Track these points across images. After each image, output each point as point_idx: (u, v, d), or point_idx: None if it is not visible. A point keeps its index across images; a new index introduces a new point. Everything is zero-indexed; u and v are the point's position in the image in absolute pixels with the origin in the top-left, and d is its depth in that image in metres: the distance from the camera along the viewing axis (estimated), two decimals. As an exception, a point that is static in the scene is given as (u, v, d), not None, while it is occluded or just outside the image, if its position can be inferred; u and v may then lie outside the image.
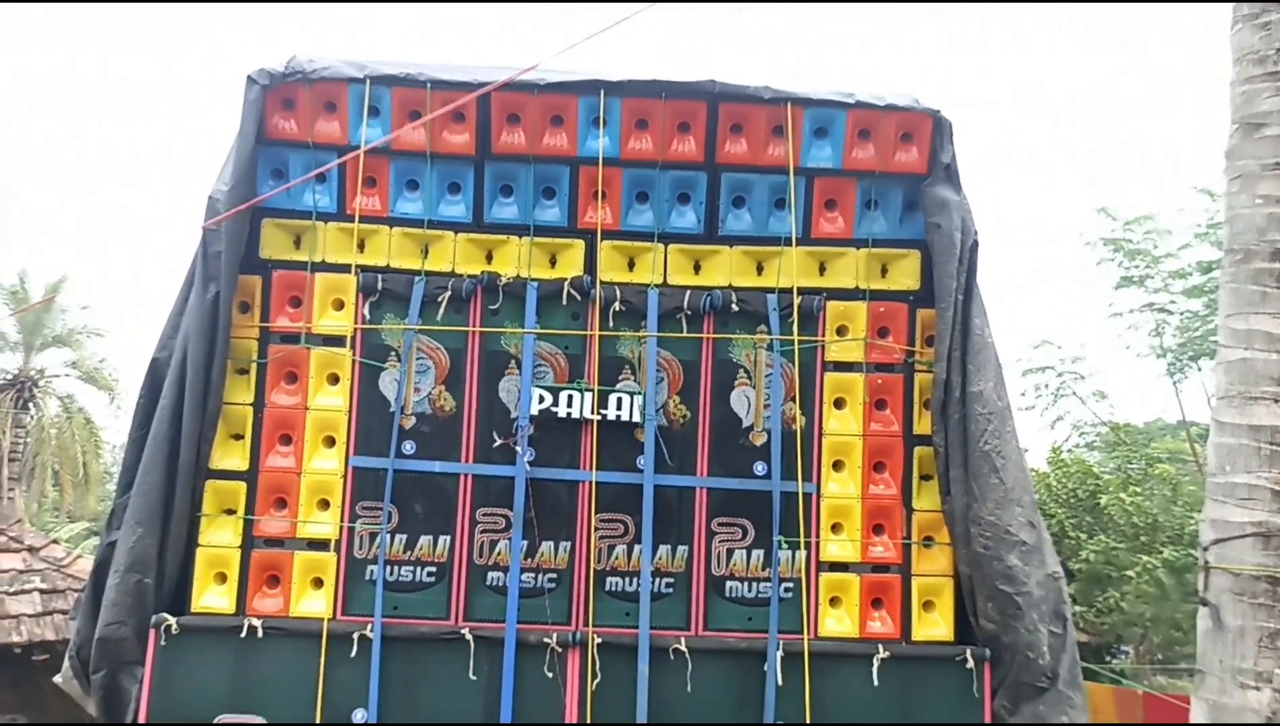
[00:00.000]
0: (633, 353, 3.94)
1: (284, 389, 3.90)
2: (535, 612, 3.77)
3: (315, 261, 3.95)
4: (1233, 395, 3.21)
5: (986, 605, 3.71)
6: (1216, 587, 3.20)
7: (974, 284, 3.87)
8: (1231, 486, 3.18)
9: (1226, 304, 3.26)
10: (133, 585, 3.64)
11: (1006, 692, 3.72)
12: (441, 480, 3.85)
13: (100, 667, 3.65)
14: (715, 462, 3.92)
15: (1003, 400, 3.82)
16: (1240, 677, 3.12)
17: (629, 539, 3.84)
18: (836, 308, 4.00)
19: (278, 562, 3.81)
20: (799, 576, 3.85)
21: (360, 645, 3.67)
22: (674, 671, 3.72)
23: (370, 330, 3.92)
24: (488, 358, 3.93)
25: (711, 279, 4.01)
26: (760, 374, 3.95)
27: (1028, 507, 3.76)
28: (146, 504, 3.66)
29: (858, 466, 3.94)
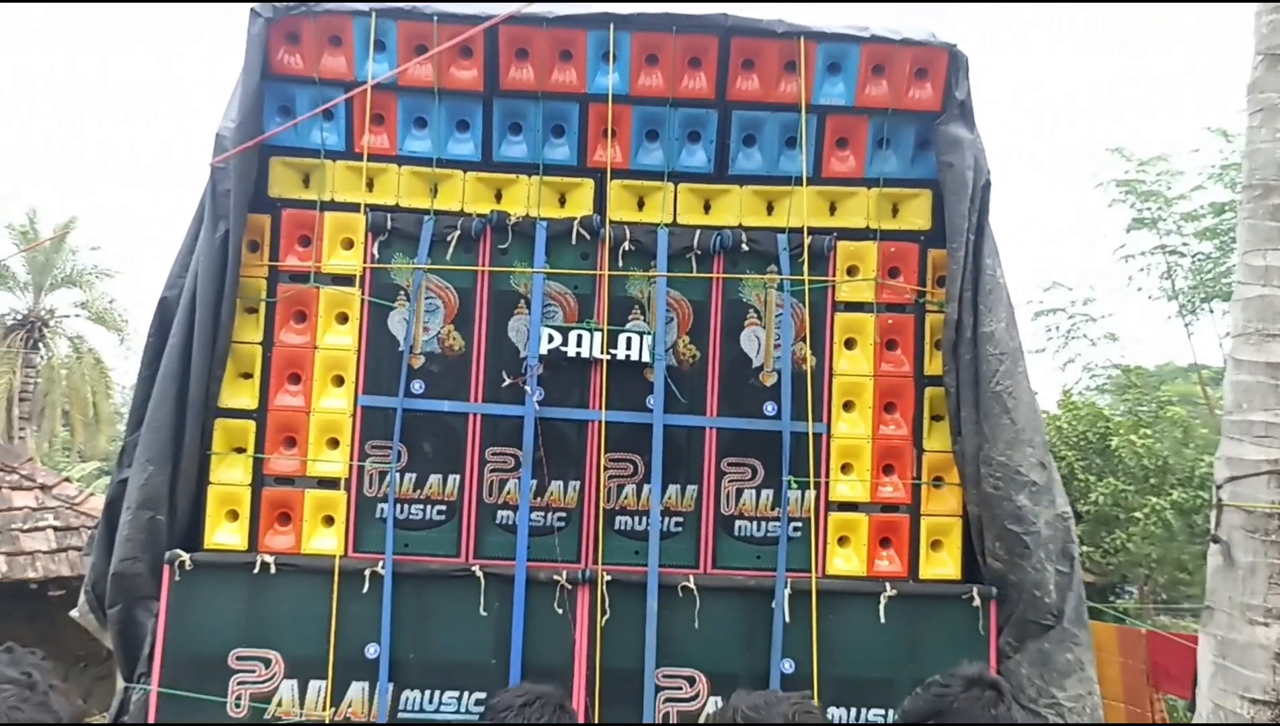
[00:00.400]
0: (642, 292, 3.93)
1: (293, 328, 3.90)
2: (545, 550, 3.80)
3: (324, 200, 3.93)
4: (1250, 332, 3.19)
5: (995, 544, 3.72)
6: (1228, 525, 3.21)
7: (986, 223, 3.84)
8: (1248, 424, 3.18)
9: (1244, 240, 3.23)
10: (145, 522, 3.68)
11: (1012, 630, 3.75)
12: (450, 419, 3.87)
13: (116, 602, 3.70)
14: (725, 402, 3.92)
15: (1015, 340, 3.81)
16: (1249, 614, 3.15)
17: (638, 478, 3.86)
18: (847, 247, 3.97)
19: (289, 500, 3.83)
20: (808, 516, 3.87)
21: (372, 581, 3.71)
22: (682, 608, 3.75)
23: (379, 269, 3.90)
24: (497, 297, 3.92)
25: (721, 218, 3.98)
26: (770, 314, 3.94)
27: (1039, 448, 3.76)
28: (156, 442, 3.69)
29: (868, 407, 3.94)
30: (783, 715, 2.30)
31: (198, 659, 3.65)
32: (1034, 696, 3.70)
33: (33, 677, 1.62)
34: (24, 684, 1.60)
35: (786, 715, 2.30)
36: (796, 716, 2.31)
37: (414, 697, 3.69)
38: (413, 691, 3.69)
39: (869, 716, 3.73)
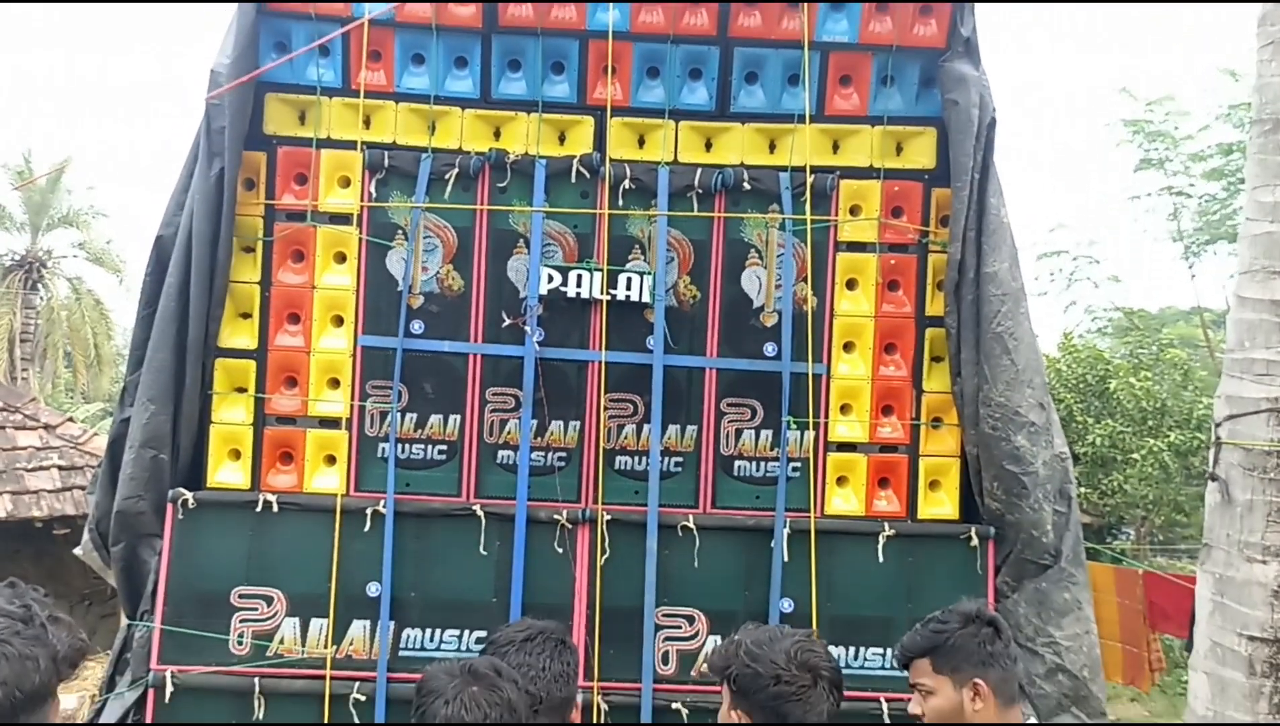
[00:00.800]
0: (642, 232, 3.90)
1: (291, 267, 3.88)
2: (545, 490, 3.82)
3: (320, 138, 3.88)
4: (1255, 270, 3.16)
5: (993, 484, 3.74)
6: (1227, 463, 3.21)
7: (991, 162, 3.80)
8: (1249, 362, 3.16)
9: (1253, 176, 3.18)
10: (148, 460, 3.69)
11: (1010, 569, 3.77)
12: (450, 360, 3.86)
13: (119, 540, 3.72)
14: (725, 343, 3.91)
15: (1017, 281, 3.79)
16: (1247, 551, 3.16)
17: (638, 418, 3.86)
18: (850, 186, 3.93)
19: (290, 440, 3.84)
20: (807, 456, 3.87)
21: (373, 520, 3.73)
22: (682, 548, 3.77)
23: (377, 208, 3.87)
24: (496, 236, 3.89)
25: (723, 157, 3.93)
26: (772, 254, 3.91)
27: (1038, 389, 3.75)
28: (157, 381, 3.68)
29: (868, 347, 3.93)
30: (785, 651, 2.32)
31: (200, 596, 3.69)
32: (1031, 635, 3.74)
33: (30, 610, 1.61)
34: (20, 616, 1.60)
35: (789, 651, 2.32)
36: (799, 653, 2.33)
37: (415, 635, 3.73)
38: (414, 629, 3.73)
39: (867, 654, 3.77)
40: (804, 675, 2.30)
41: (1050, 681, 3.70)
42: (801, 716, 2.27)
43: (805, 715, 2.27)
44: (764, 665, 2.31)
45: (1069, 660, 3.69)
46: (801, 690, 2.28)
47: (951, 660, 2.53)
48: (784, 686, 2.28)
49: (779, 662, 2.30)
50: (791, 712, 2.26)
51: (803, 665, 2.31)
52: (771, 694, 2.28)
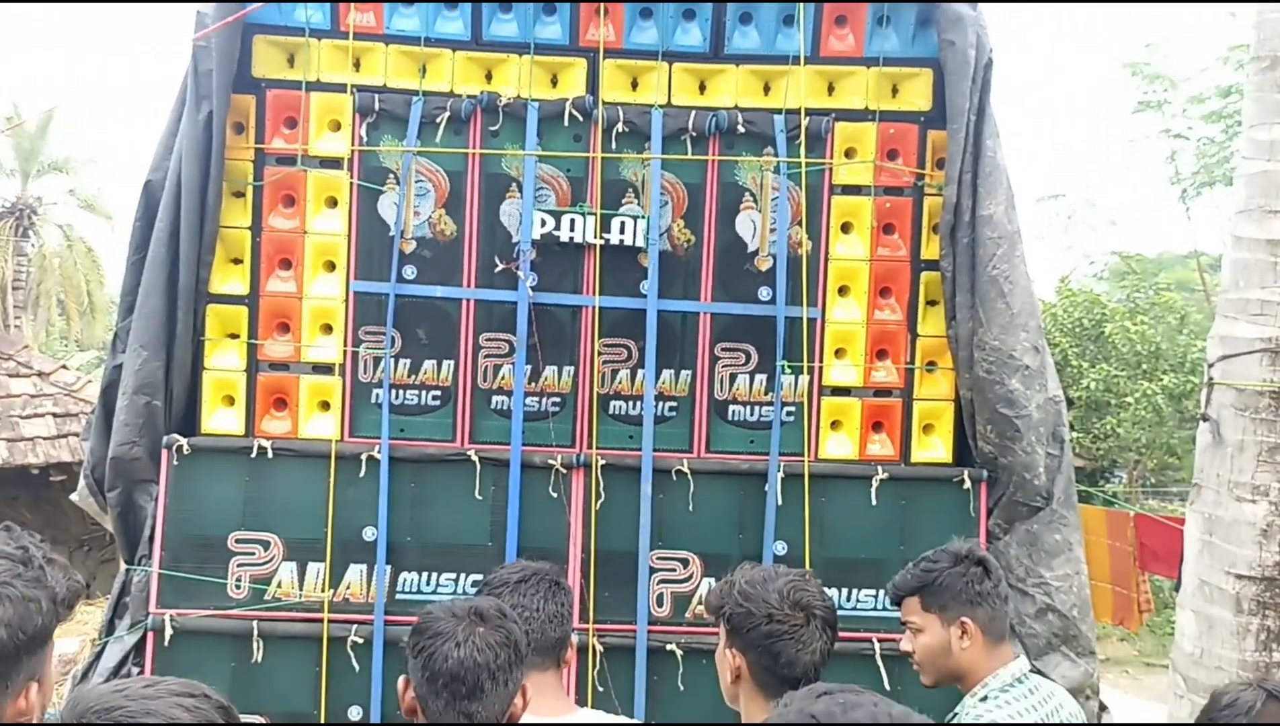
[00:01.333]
0: (636, 175, 3.86)
1: (282, 212, 3.85)
2: (540, 435, 3.82)
3: (310, 80, 3.83)
4: (1252, 209, 3.14)
5: (986, 428, 3.75)
6: (1219, 403, 3.22)
7: (987, 103, 3.76)
8: (1244, 302, 3.16)
9: (1250, 114, 3.16)
10: (142, 407, 3.69)
11: (1002, 512, 3.80)
12: (443, 305, 3.84)
13: (115, 486, 3.73)
14: (719, 287, 3.89)
15: (1013, 224, 3.77)
16: (1237, 491, 3.18)
17: (632, 363, 3.86)
18: (845, 129, 3.90)
19: (284, 386, 3.84)
20: (801, 400, 3.88)
21: (368, 466, 3.74)
22: (676, 492, 3.79)
23: (368, 152, 3.83)
24: (488, 180, 3.86)
25: (717, 99, 3.89)
26: (766, 197, 3.88)
27: (1033, 332, 3.75)
28: (149, 327, 3.67)
29: (863, 291, 3.92)
30: (778, 590, 2.33)
31: (197, 541, 3.71)
32: (1022, 576, 3.77)
33: (28, 552, 1.61)
34: (19, 559, 1.60)
35: (782, 590, 2.34)
36: (791, 592, 2.34)
37: (411, 579, 3.75)
38: (410, 573, 3.75)
39: (859, 596, 3.81)
40: (796, 614, 2.32)
41: (1040, 621, 3.74)
42: (794, 654, 2.28)
43: (798, 653, 2.28)
44: (756, 604, 2.32)
45: (1059, 600, 3.73)
46: (794, 629, 2.30)
47: (940, 599, 2.56)
48: (776, 625, 2.29)
49: (771, 601, 2.31)
50: (784, 651, 2.28)
51: (795, 604, 2.33)
52: (763, 632, 2.30)
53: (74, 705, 1.30)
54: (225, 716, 1.33)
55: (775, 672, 2.25)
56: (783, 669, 2.26)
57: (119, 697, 1.29)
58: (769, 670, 2.27)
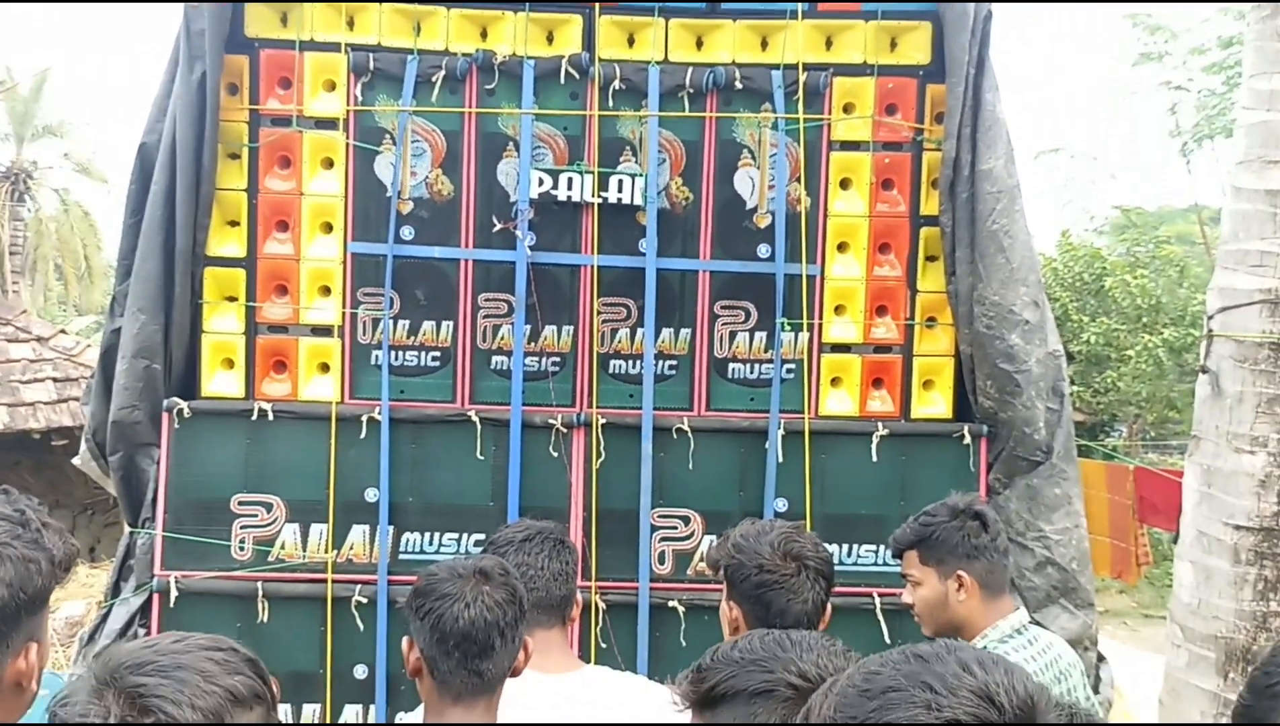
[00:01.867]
0: (633, 133, 3.84)
1: (277, 174, 3.83)
2: (540, 395, 3.82)
3: (303, 40, 3.80)
4: (1252, 159, 3.13)
5: (986, 383, 3.75)
6: (1218, 355, 3.22)
7: (987, 57, 3.73)
8: (1243, 253, 3.15)
9: (1250, 64, 3.13)
10: (141, 370, 3.69)
11: (1002, 466, 3.81)
12: (442, 265, 3.83)
13: (116, 450, 3.74)
14: (718, 245, 3.88)
15: (1013, 178, 3.75)
16: (1236, 442, 3.19)
17: (631, 322, 3.85)
18: (844, 84, 3.86)
19: (283, 348, 3.84)
20: (801, 357, 3.88)
21: (369, 427, 3.75)
22: (677, 450, 3.80)
23: (363, 112, 3.80)
24: (485, 140, 3.83)
25: (714, 55, 3.86)
26: (764, 154, 3.86)
27: (1033, 287, 3.74)
28: (146, 291, 3.66)
29: (862, 248, 3.90)
30: (770, 542, 2.36)
31: (200, 504, 3.72)
32: (1021, 530, 3.79)
33: (25, 515, 1.63)
34: (17, 521, 1.61)
35: (773, 542, 2.37)
36: (783, 543, 2.37)
37: (414, 539, 3.77)
38: (412, 533, 3.77)
39: (860, 551, 3.83)
40: (788, 564, 2.34)
41: (1039, 574, 3.76)
42: (784, 605, 2.31)
43: (789, 603, 2.31)
44: (748, 555, 2.36)
45: (1058, 553, 3.75)
46: (784, 578, 2.33)
47: (937, 552, 2.59)
48: (766, 575, 2.32)
49: (763, 553, 2.35)
50: (774, 601, 2.31)
51: (787, 554, 2.36)
52: (754, 582, 2.33)
53: (106, 661, 1.31)
54: (253, 669, 1.35)
55: (767, 622, 2.28)
56: (774, 618, 2.29)
57: (149, 653, 1.32)
58: (761, 620, 2.29)
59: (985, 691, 1.08)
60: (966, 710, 1.07)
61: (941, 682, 1.09)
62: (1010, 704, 1.07)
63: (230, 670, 1.32)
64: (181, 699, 1.26)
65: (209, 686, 1.28)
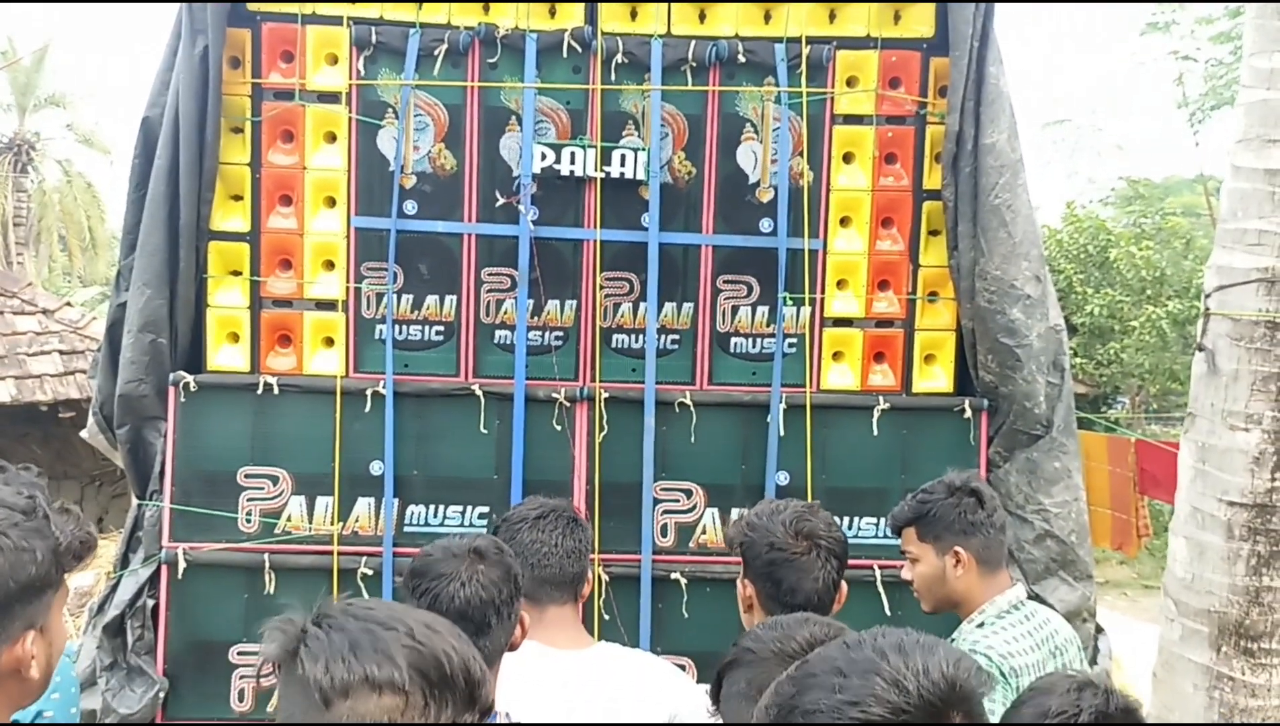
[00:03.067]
0: (636, 107, 3.83)
1: (280, 148, 3.83)
2: (543, 369, 3.85)
3: (305, 14, 3.79)
4: (1251, 138, 3.13)
5: (987, 357, 3.76)
6: (1214, 333, 3.23)
7: (991, 30, 3.72)
8: (1241, 232, 3.16)
9: (1251, 42, 3.13)
10: (147, 344, 3.71)
11: (1002, 440, 3.83)
12: (445, 240, 3.84)
13: (124, 423, 3.77)
14: (721, 219, 3.89)
15: (1016, 152, 3.74)
16: (1230, 419, 3.21)
17: (634, 296, 3.87)
18: (847, 57, 3.85)
19: (288, 322, 3.86)
20: (803, 332, 3.89)
21: (373, 401, 3.77)
22: (679, 423, 3.83)
23: (366, 86, 3.80)
24: (487, 114, 3.83)
25: (717, 28, 3.84)
26: (767, 128, 3.86)
27: (1034, 261, 3.75)
28: (151, 265, 3.68)
29: (865, 222, 3.91)
30: (783, 521, 2.39)
31: (207, 477, 3.75)
32: (1021, 503, 3.82)
33: (35, 501, 1.60)
34: (22, 508, 1.58)
35: (786, 521, 2.39)
36: (795, 521, 2.40)
37: (419, 512, 3.81)
38: (417, 506, 3.81)
39: (861, 524, 3.86)
40: (800, 542, 2.37)
41: (1039, 546, 3.79)
42: (795, 582, 2.34)
43: (799, 581, 2.34)
44: (760, 533, 2.39)
45: (1057, 526, 3.78)
46: (795, 555, 2.36)
47: (934, 529, 2.62)
48: (777, 553, 2.35)
49: (775, 531, 2.38)
50: (785, 578, 2.34)
51: (799, 533, 2.39)
52: (766, 560, 2.36)
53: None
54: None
55: (779, 600, 2.31)
56: (785, 595, 2.32)
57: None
58: (773, 598, 2.33)
59: (894, 677, 1.13)
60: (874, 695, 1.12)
61: (854, 669, 1.15)
62: (919, 688, 1.12)
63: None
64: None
65: None
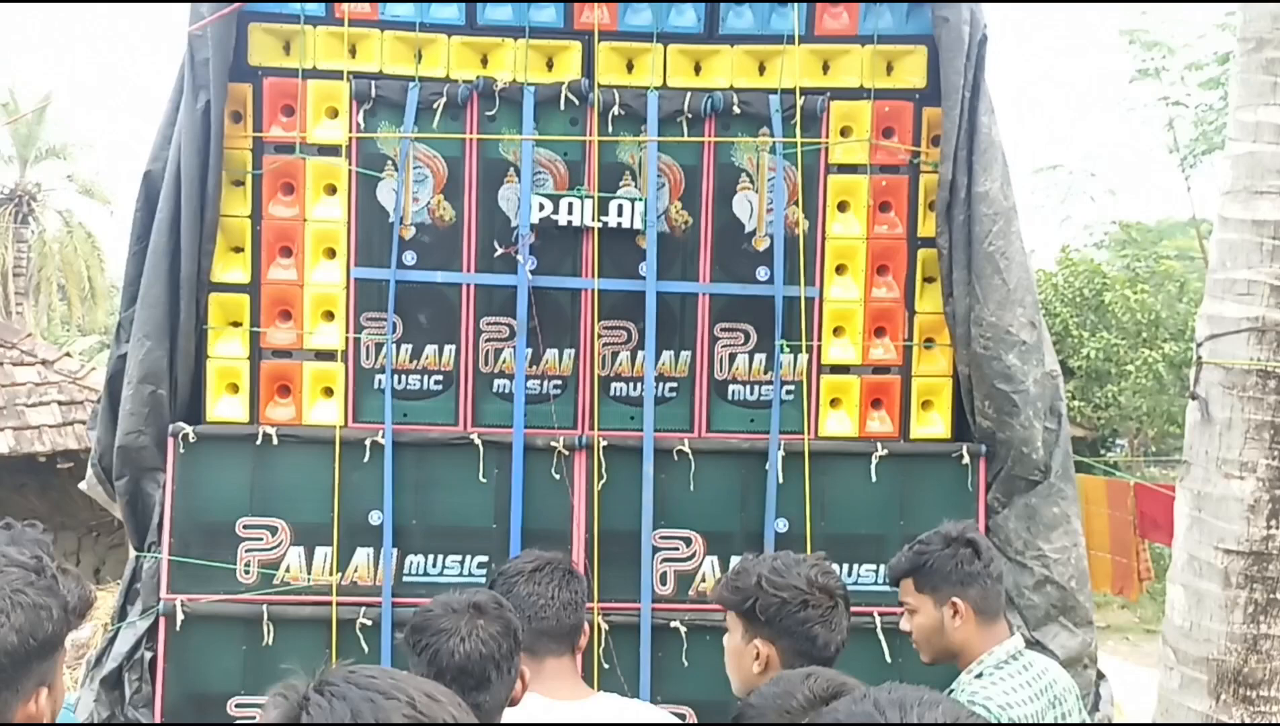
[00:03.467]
0: (633, 158, 3.88)
1: (281, 200, 3.87)
2: (542, 417, 3.86)
3: (306, 68, 3.85)
4: (1238, 190, 3.18)
5: (984, 403, 3.78)
6: (1207, 382, 3.26)
7: (982, 80, 3.77)
8: (1230, 282, 3.20)
9: (1236, 95, 3.19)
10: (147, 396, 3.72)
11: (1000, 486, 3.83)
12: (444, 290, 3.87)
13: (123, 474, 3.77)
14: (718, 268, 3.92)
15: (1009, 200, 3.79)
16: (1225, 468, 3.22)
17: (632, 345, 3.89)
18: (840, 108, 3.91)
19: (287, 373, 3.87)
20: (800, 379, 3.91)
21: (372, 451, 3.78)
22: (678, 471, 3.83)
23: (365, 139, 3.85)
24: (486, 165, 3.87)
25: (712, 80, 3.90)
26: (763, 177, 3.90)
27: (1029, 308, 3.78)
28: (152, 317, 3.70)
29: (860, 269, 3.94)
30: (805, 576, 2.38)
31: (206, 528, 3.75)
32: (1020, 549, 3.81)
33: (41, 561, 1.63)
34: (33, 567, 1.61)
35: (809, 576, 2.38)
36: (818, 576, 2.39)
37: (418, 562, 3.80)
38: (416, 556, 3.80)
39: (860, 571, 3.85)
40: (826, 597, 2.37)
41: (1039, 592, 3.78)
42: (829, 636, 2.35)
43: (831, 635, 2.35)
44: (790, 591, 2.35)
45: (1057, 572, 3.77)
46: (828, 611, 2.36)
47: (931, 580, 2.62)
48: (812, 610, 2.34)
49: (802, 586, 2.36)
50: (820, 634, 2.34)
51: (823, 588, 2.38)
52: (800, 618, 2.34)
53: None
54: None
55: (811, 655, 2.29)
56: (819, 651, 2.32)
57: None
58: (804, 654, 2.30)
59: None
60: None
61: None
62: None
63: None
64: None
65: None
